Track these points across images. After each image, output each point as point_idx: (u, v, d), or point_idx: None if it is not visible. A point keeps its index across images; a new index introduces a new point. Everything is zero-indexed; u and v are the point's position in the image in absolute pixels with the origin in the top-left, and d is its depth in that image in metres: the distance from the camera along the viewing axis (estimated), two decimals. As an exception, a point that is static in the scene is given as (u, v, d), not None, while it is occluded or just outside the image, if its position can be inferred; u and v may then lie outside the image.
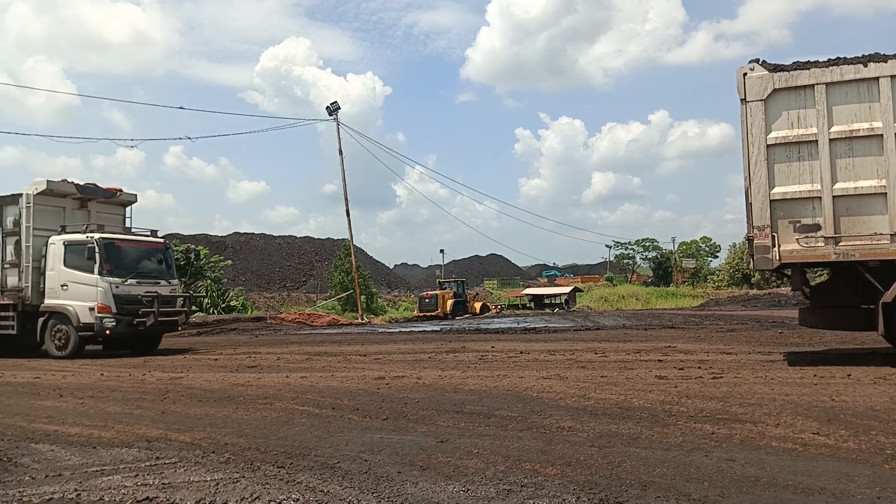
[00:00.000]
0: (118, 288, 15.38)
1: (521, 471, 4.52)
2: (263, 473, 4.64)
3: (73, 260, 15.48)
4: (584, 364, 10.52)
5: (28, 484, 4.59)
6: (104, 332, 15.19)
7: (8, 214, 16.08)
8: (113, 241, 15.79)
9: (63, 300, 15.51)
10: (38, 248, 15.84)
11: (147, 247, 16.89)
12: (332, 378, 9.83)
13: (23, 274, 15.80)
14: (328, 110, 37.32)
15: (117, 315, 15.26)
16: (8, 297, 15.97)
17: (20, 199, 15.81)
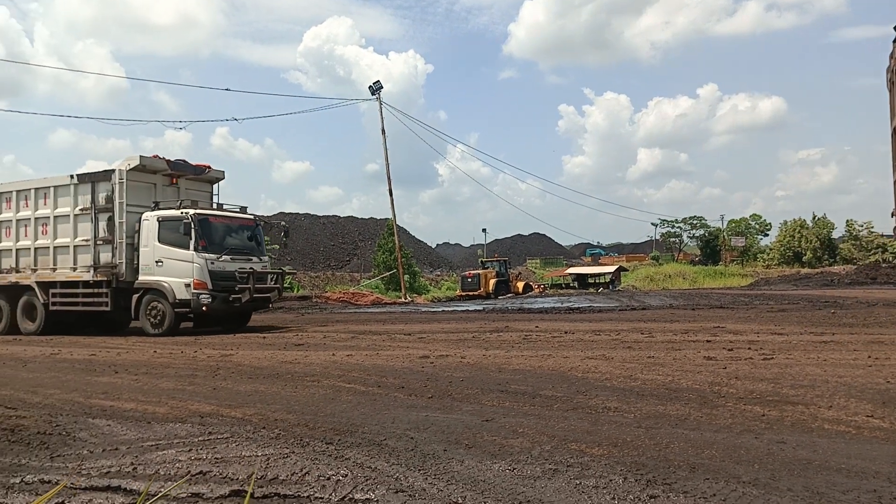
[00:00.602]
0: (213, 264, 15.36)
1: (567, 451, 4.51)
2: (312, 449, 4.73)
3: (167, 236, 15.51)
4: (630, 344, 10.42)
5: (86, 457, 4.76)
6: (201, 309, 15.21)
7: (100, 191, 16.14)
8: (207, 216, 15.81)
9: (158, 276, 15.54)
10: (132, 224, 15.91)
11: (239, 223, 16.82)
12: (378, 356, 9.94)
13: (116, 250, 15.87)
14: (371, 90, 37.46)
15: (213, 291, 15.27)
16: (101, 273, 16.01)
17: (113, 176, 15.90)
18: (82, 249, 16.34)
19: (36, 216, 17.02)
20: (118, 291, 16.04)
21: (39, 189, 17.03)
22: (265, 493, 3.82)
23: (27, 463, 4.66)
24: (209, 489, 3.91)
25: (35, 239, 17.04)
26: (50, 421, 5.98)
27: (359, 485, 3.91)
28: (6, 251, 17.59)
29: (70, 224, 16.47)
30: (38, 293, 16.83)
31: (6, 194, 17.63)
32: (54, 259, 16.77)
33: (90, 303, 16.35)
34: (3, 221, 17.65)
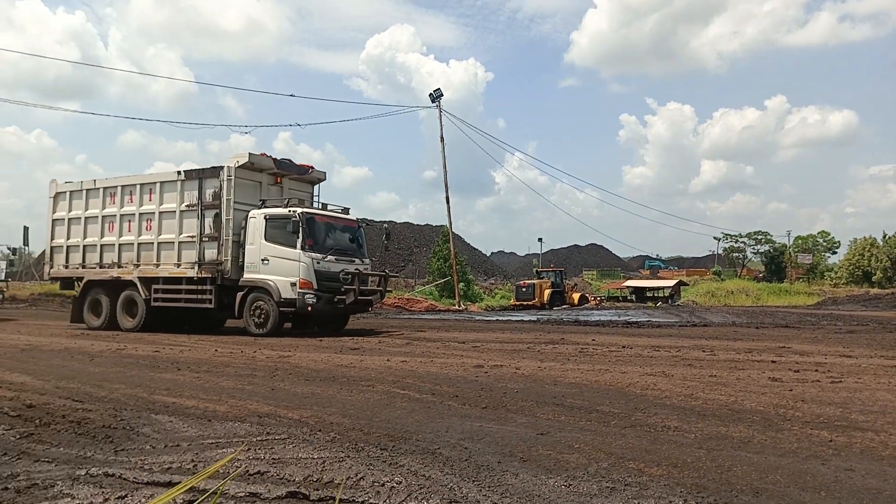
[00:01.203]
0: (319, 264, 15.13)
1: (624, 469, 4.42)
2: (367, 454, 4.75)
3: (274, 234, 15.33)
4: (691, 362, 10.16)
5: (149, 452, 4.89)
6: (306, 309, 14.94)
7: (207, 188, 16.09)
8: (314, 216, 15.66)
9: (263, 275, 15.35)
10: (238, 221, 15.79)
11: (343, 224, 16.63)
12: (432, 364, 9.95)
13: (222, 247, 15.73)
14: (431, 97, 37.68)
15: (318, 292, 15.02)
16: (205, 270, 15.91)
17: (221, 172, 15.85)
18: (187, 246, 16.34)
19: (140, 211, 17.10)
20: (222, 289, 15.91)
21: (145, 184, 17.12)
22: (321, 497, 3.85)
23: (92, 456, 4.81)
24: (266, 489, 3.97)
25: (139, 234, 17.12)
26: (115, 415, 6.17)
27: (413, 493, 3.91)
28: (108, 246, 17.66)
29: (175, 220, 16.52)
30: (140, 289, 16.83)
31: (110, 189, 17.71)
32: (158, 255, 16.80)
33: (193, 299, 16.28)
34: (107, 216, 17.74)
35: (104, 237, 17.76)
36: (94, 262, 17.90)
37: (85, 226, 18.14)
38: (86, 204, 18.14)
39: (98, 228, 17.85)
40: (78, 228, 18.29)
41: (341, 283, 15.35)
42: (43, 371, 9.21)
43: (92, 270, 17.90)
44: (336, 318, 17.00)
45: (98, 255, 17.83)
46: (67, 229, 18.47)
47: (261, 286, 15.34)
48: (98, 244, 17.83)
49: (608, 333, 16.68)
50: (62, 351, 11.99)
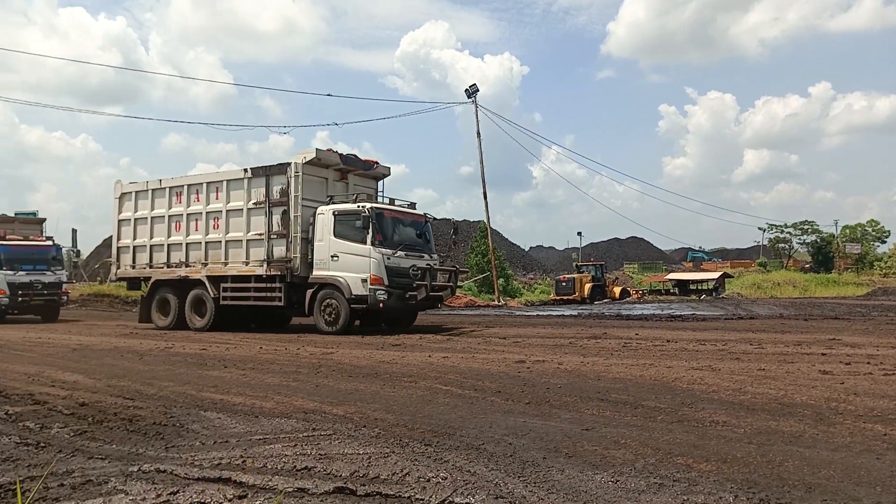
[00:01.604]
0: (389, 260, 14.88)
1: (672, 465, 4.36)
2: (412, 450, 4.77)
3: (343, 230, 15.14)
4: (738, 355, 9.98)
5: (199, 449, 4.98)
6: (377, 306, 14.68)
7: (274, 184, 15.95)
8: (383, 211, 15.45)
9: (333, 271, 15.16)
10: (306, 218, 15.62)
11: (411, 218, 16.34)
12: (473, 360, 9.94)
13: (291, 244, 15.58)
14: (467, 93, 37.60)
15: (389, 288, 14.77)
16: (275, 268, 15.78)
17: (288, 169, 15.72)
18: (255, 243, 16.23)
19: (207, 210, 17.05)
20: (291, 286, 15.73)
21: (211, 183, 17.09)
22: (367, 492, 3.88)
23: (144, 452, 4.92)
24: (314, 485, 4.01)
25: (206, 233, 17.06)
26: (165, 412, 6.31)
27: (458, 488, 3.91)
28: (176, 245, 17.66)
29: (243, 218, 16.42)
30: (209, 288, 16.76)
31: (176, 189, 17.71)
32: (226, 253, 16.72)
33: (262, 297, 16.16)
34: (174, 216, 17.74)
35: (171, 236, 17.79)
36: (161, 262, 17.94)
37: (151, 226, 18.18)
38: (151, 204, 18.19)
39: (165, 228, 17.90)
40: (144, 228, 18.35)
41: (412, 278, 15.13)
42: (94, 370, 9.47)
43: (159, 270, 17.94)
44: (405, 315, 16.79)
45: (165, 254, 17.87)
46: (134, 229, 18.58)
47: (331, 283, 15.19)
48: (165, 244, 17.87)
49: (652, 327, 16.47)
50: (112, 350, 12.30)
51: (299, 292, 15.71)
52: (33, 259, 22.97)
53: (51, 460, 4.73)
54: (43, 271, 22.84)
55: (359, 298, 14.74)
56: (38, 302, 22.67)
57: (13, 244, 22.71)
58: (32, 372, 9.18)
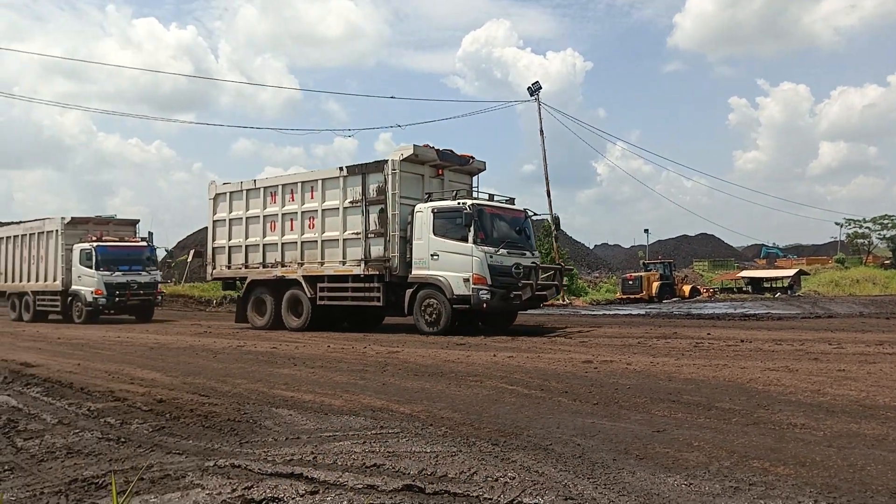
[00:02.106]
0: (492, 258, 14.31)
1: (748, 468, 4.22)
2: (479, 449, 4.76)
3: (443, 228, 14.71)
4: (817, 356, 9.59)
5: (271, 445, 5.10)
6: (480, 306, 14.14)
7: (371, 182, 15.67)
8: (484, 207, 14.94)
9: (433, 271, 14.73)
10: (404, 216, 15.28)
11: (511, 215, 15.69)
12: (539, 359, 9.86)
13: (389, 243, 15.25)
14: (529, 91, 37.27)
15: (492, 287, 14.20)
16: (372, 267, 15.51)
17: (385, 166, 15.38)
18: (352, 243, 15.99)
19: (303, 210, 16.90)
20: (389, 286, 15.42)
21: (306, 182, 16.98)
22: (436, 490, 3.89)
23: (219, 448, 5.07)
24: (383, 482, 4.05)
25: (302, 233, 16.92)
26: (238, 409, 6.49)
27: (527, 488, 3.88)
28: (271, 245, 17.60)
29: (339, 217, 16.20)
30: (305, 288, 16.61)
31: (271, 189, 17.67)
32: (322, 253, 16.53)
33: (360, 297, 15.94)
34: (268, 216, 17.67)
35: (266, 236, 17.74)
36: (256, 262, 17.94)
37: (246, 226, 18.20)
38: (246, 204, 18.21)
39: (260, 228, 17.87)
40: (239, 229, 18.38)
41: (514, 277, 14.58)
42: (171, 367, 9.81)
43: (255, 270, 17.94)
44: (505, 315, 16.24)
45: (261, 254, 17.84)
46: (228, 230, 18.62)
47: (431, 283, 14.77)
48: (260, 244, 17.84)
49: (724, 327, 16.00)
50: (187, 348, 12.73)
51: (397, 292, 15.39)
52: (129, 259, 23.37)
53: (131, 455, 4.92)
54: (138, 271, 23.28)
55: (461, 298, 14.30)
56: (134, 302, 23.12)
57: (109, 245, 23.11)
58: (112, 370, 9.58)
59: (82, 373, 9.31)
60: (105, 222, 25.12)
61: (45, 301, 24.39)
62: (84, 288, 22.63)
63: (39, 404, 7.10)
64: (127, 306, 23.17)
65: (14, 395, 7.66)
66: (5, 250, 26.49)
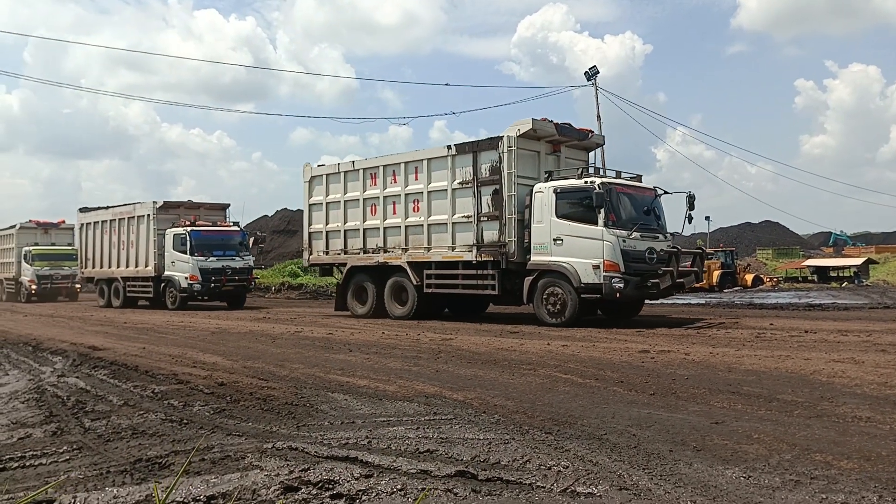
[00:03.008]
0: (625, 242, 13.01)
1: (810, 461, 4.10)
2: (532, 437, 4.75)
3: (568, 210, 13.47)
4: (884, 347, 9.22)
5: (327, 428, 5.20)
6: (613, 295, 12.88)
7: (483, 161, 14.62)
8: (615, 186, 13.54)
9: (556, 257, 13.50)
10: (521, 197, 14.08)
11: (642, 194, 14.21)
12: (594, 348, 9.76)
13: (505, 227, 14.14)
14: (586, 75, 36.67)
15: (625, 275, 12.87)
16: (486, 253, 14.45)
17: (500, 143, 14.22)
18: (462, 227, 14.99)
19: (406, 192, 16.00)
20: (505, 273, 14.35)
21: (410, 163, 16.03)
22: (488, 477, 3.90)
23: (277, 430, 5.19)
24: (436, 467, 4.08)
25: (405, 216, 16.01)
26: (295, 393, 6.63)
27: (580, 478, 3.86)
28: (372, 230, 16.77)
29: (447, 199, 15.19)
30: (410, 274, 15.73)
31: (371, 170, 16.85)
32: (428, 238, 15.58)
33: (472, 285, 14.99)
34: (369, 199, 16.84)
35: (367, 220, 16.91)
36: (357, 248, 17.13)
37: (345, 209, 17.38)
38: (344, 187, 17.37)
39: (360, 212, 17.04)
40: (337, 213, 17.58)
41: (648, 263, 13.37)
42: (231, 352, 10.08)
43: (355, 256, 17.16)
44: (630, 305, 14.92)
45: (361, 239, 17.03)
46: (326, 214, 17.86)
47: (555, 270, 13.52)
48: (360, 228, 17.02)
49: (788, 317, 15.53)
50: (247, 333, 13.05)
51: (514, 279, 14.28)
52: (223, 245, 22.90)
53: (193, 436, 5.08)
54: (232, 257, 22.82)
55: (590, 287, 13.03)
56: (229, 288, 22.60)
57: (204, 229, 22.67)
58: (176, 354, 9.90)
59: (147, 356, 9.65)
60: (196, 206, 24.70)
61: (136, 287, 24.15)
62: (178, 274, 22.27)
63: (106, 386, 7.39)
64: (221, 293, 22.70)
65: (82, 378, 8.00)
66: (93, 236, 26.30)
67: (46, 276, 31.51)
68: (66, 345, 11.17)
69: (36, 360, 9.92)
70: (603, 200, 12.86)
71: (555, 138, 14.94)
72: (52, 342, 11.72)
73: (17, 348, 11.45)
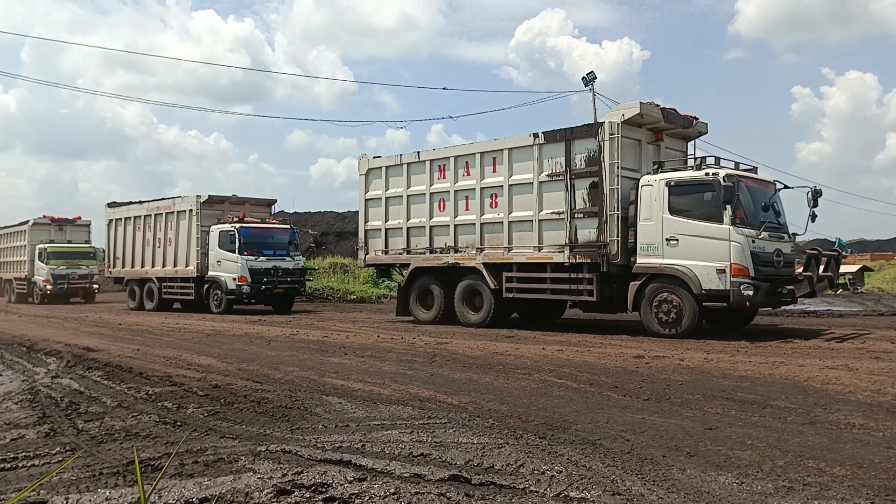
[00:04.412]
0: (754, 244, 11.52)
1: (803, 468, 4.11)
2: (526, 442, 4.76)
3: (684, 206, 11.95)
4: (878, 354, 9.25)
5: (321, 432, 5.19)
6: (743, 304, 11.37)
7: (577, 151, 13.16)
8: (741, 179, 11.93)
9: (670, 259, 11.95)
10: (625, 191, 12.62)
11: (763, 188, 12.69)
12: (589, 353, 9.77)
13: (606, 225, 12.59)
14: (584, 81, 36.71)
15: (756, 280, 11.37)
16: (582, 254, 12.94)
17: (600, 130, 12.75)
18: (551, 224, 13.48)
19: (482, 185, 14.54)
20: (604, 277, 12.80)
21: (486, 153, 14.59)
22: (482, 481, 3.90)
23: (271, 433, 5.18)
24: (430, 471, 4.08)
25: (481, 213, 14.55)
26: (290, 396, 6.62)
27: (574, 483, 3.86)
28: (440, 228, 15.31)
29: (532, 194, 13.70)
30: (487, 277, 14.21)
31: (439, 161, 15.36)
32: (509, 237, 14.09)
33: (564, 290, 13.48)
34: (437, 193, 15.38)
35: (434, 217, 15.41)
36: (421, 247, 15.66)
37: (408, 205, 15.91)
38: (407, 180, 15.94)
39: (425, 207, 15.54)
40: (398, 209, 16.11)
41: (776, 267, 11.90)
42: (226, 354, 10.06)
43: (420, 256, 15.66)
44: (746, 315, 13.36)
45: (427, 238, 15.54)
46: (385, 210, 16.39)
47: (668, 274, 11.98)
48: (427, 226, 15.52)
49: (781, 323, 15.57)
50: (242, 336, 13.03)
51: (614, 284, 12.83)
52: (273, 243, 21.03)
53: (186, 438, 5.07)
54: (283, 256, 20.91)
55: (713, 294, 11.48)
56: (279, 291, 20.62)
57: (253, 226, 20.85)
58: (170, 355, 9.88)
59: (141, 358, 9.63)
60: (241, 201, 22.72)
61: (174, 288, 22.25)
62: (224, 274, 20.31)
63: (100, 388, 7.38)
64: (271, 296, 20.77)
65: (76, 379, 7.98)
66: (122, 233, 24.35)
67: (63, 276, 29.15)
68: (61, 346, 11.14)
69: (30, 360, 9.89)
70: (732, 195, 11.33)
71: (659, 125, 13.47)
72: (46, 343, 11.69)
73: (10, 349, 11.41)
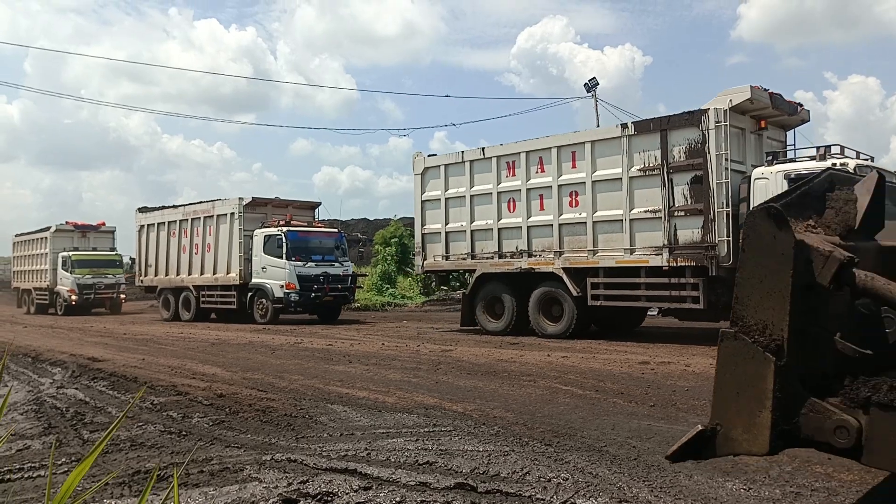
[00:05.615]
0: None
1: (810, 473, 4.09)
2: (532, 449, 4.74)
3: None
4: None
5: (327, 440, 5.18)
6: None
7: (675, 142, 11.96)
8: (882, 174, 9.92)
9: None
10: (734, 186, 11.51)
11: None
12: (594, 360, 9.75)
13: (712, 224, 11.36)
14: (586, 87, 36.74)
15: None
16: (684, 257, 11.73)
17: (704, 119, 11.56)
18: (644, 224, 12.28)
19: (560, 182, 13.32)
20: (712, 282, 11.50)
21: (564, 147, 13.37)
22: (488, 489, 3.88)
23: (276, 442, 5.17)
24: (435, 479, 4.07)
25: (559, 213, 13.34)
26: (295, 404, 6.61)
27: (580, 490, 3.85)
28: (510, 230, 14.12)
29: (621, 191, 12.50)
30: (568, 283, 12.97)
31: (507, 157, 14.22)
32: (594, 238, 12.89)
33: (662, 297, 12.33)
34: (505, 192, 14.20)
35: (503, 218, 14.23)
36: (489, 251, 14.49)
37: (471, 206, 14.73)
38: (470, 179, 14.77)
39: (493, 208, 14.34)
40: (461, 210, 14.93)
41: None
42: (231, 363, 10.06)
43: (487, 261, 14.50)
44: None
45: (495, 241, 14.35)
46: (445, 212, 15.19)
47: None
48: (494, 228, 14.32)
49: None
50: (246, 344, 13.02)
51: (721, 290, 11.31)
52: (322, 248, 19.79)
53: (191, 448, 5.07)
54: (331, 262, 19.58)
55: None
56: (329, 299, 19.28)
57: (301, 230, 19.52)
58: (175, 365, 9.88)
59: (146, 367, 9.63)
60: (284, 204, 21.42)
61: (214, 297, 20.66)
62: (270, 281, 18.87)
63: (105, 397, 7.38)
64: (320, 304, 19.30)
65: (81, 389, 7.99)
66: (155, 239, 22.82)
67: (89, 286, 27.17)
68: (66, 356, 11.14)
69: (35, 371, 9.90)
70: None
71: (766, 111, 12.30)
72: (51, 353, 11.69)
73: (16, 359, 11.42)
